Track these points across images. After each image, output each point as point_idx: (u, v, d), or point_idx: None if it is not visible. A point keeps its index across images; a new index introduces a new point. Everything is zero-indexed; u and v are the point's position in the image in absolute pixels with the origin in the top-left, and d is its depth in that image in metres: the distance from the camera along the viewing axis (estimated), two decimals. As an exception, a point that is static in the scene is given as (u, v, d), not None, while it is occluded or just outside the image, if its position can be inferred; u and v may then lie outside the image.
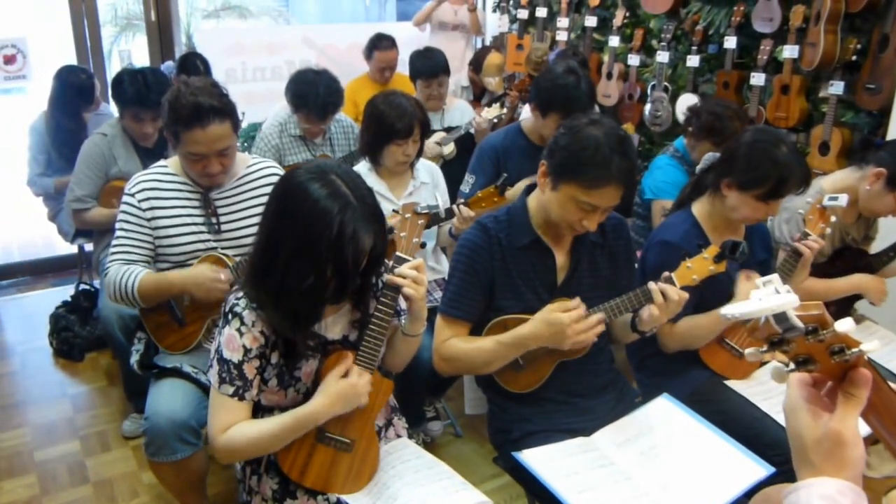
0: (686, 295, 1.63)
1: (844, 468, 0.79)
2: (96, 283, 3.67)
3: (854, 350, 0.77)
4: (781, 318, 0.77)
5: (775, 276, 0.80)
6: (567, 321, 1.62)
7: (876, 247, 2.47)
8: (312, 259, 1.39)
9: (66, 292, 3.78)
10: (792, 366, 0.82)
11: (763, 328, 0.79)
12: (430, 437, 2.74)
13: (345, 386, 1.50)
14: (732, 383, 1.99)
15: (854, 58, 3.07)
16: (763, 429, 1.81)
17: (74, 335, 3.42)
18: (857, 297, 2.41)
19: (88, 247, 3.59)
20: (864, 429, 0.85)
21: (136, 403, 2.82)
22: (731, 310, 0.79)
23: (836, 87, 3.10)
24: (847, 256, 2.35)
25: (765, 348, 0.81)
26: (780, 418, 1.82)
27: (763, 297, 0.78)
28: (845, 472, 0.79)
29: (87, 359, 3.40)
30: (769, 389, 1.97)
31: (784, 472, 1.61)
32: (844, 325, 0.76)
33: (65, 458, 2.70)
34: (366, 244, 1.41)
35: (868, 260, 2.35)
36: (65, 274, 4.34)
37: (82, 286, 3.66)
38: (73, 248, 3.95)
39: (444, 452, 2.69)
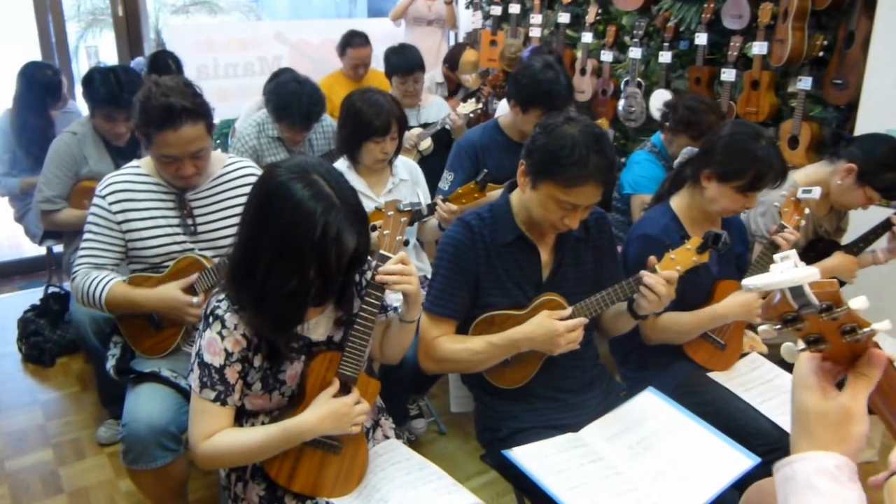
0: (675, 274, 1.65)
1: (845, 443, 0.80)
2: (67, 285, 3.59)
3: (866, 330, 0.78)
4: (798, 292, 0.77)
5: (793, 252, 0.80)
6: (562, 330, 1.65)
7: (847, 238, 2.52)
8: (296, 261, 1.36)
9: (34, 295, 3.69)
10: (803, 345, 0.82)
11: (778, 305, 0.80)
12: (414, 436, 2.73)
13: (339, 406, 1.47)
14: (715, 375, 2.01)
15: (821, 54, 3.14)
16: (746, 419, 1.84)
17: (44, 340, 3.33)
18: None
19: (57, 248, 3.51)
20: None
21: (111, 409, 2.77)
22: (752, 281, 0.80)
23: (805, 83, 3.16)
24: (820, 248, 2.40)
25: (778, 325, 0.81)
26: (763, 408, 1.87)
27: (783, 270, 0.78)
28: (845, 447, 0.80)
29: (58, 364, 3.33)
30: (750, 380, 2.00)
31: (768, 462, 1.63)
32: (858, 303, 0.77)
33: (37, 467, 2.63)
34: (350, 245, 1.39)
35: (840, 250, 2.40)
36: (33, 276, 4.24)
37: (52, 289, 3.57)
38: (41, 250, 3.85)
39: (428, 450, 2.68)
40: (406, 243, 1.62)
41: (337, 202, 1.37)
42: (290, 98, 3.00)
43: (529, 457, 1.60)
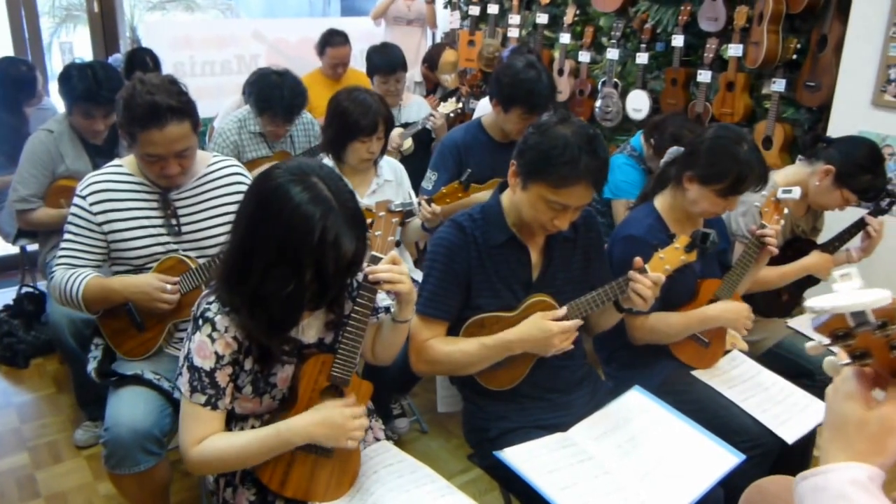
0: (661, 277, 1.66)
1: (881, 454, 0.79)
2: (41, 285, 3.52)
3: None
4: (859, 313, 0.76)
5: (853, 270, 0.79)
6: (556, 331, 1.65)
7: (822, 237, 2.58)
8: (293, 264, 1.34)
9: (7, 296, 3.60)
10: (847, 360, 0.81)
11: (830, 321, 0.78)
12: (397, 435, 2.73)
13: (336, 414, 1.46)
14: (698, 373, 2.04)
15: (795, 57, 3.21)
16: (730, 417, 1.86)
17: (18, 341, 3.27)
18: (809, 284, 2.52)
19: (32, 247, 3.43)
20: None
21: (88, 411, 2.72)
22: (818, 303, 0.78)
23: (778, 85, 3.24)
24: (796, 247, 2.45)
25: (828, 341, 0.80)
26: (745, 406, 1.90)
27: (848, 291, 0.76)
28: (881, 459, 0.79)
29: (33, 365, 3.26)
30: (733, 378, 2.03)
31: (752, 458, 1.67)
32: None
33: (13, 471, 2.57)
34: (348, 249, 1.36)
35: (816, 249, 2.46)
36: (5, 276, 4.12)
37: (26, 289, 3.50)
38: (11, 249, 3.76)
39: (410, 449, 2.65)
40: (397, 244, 1.62)
41: (336, 206, 1.35)
42: (271, 90, 2.98)
43: (520, 457, 1.60)
